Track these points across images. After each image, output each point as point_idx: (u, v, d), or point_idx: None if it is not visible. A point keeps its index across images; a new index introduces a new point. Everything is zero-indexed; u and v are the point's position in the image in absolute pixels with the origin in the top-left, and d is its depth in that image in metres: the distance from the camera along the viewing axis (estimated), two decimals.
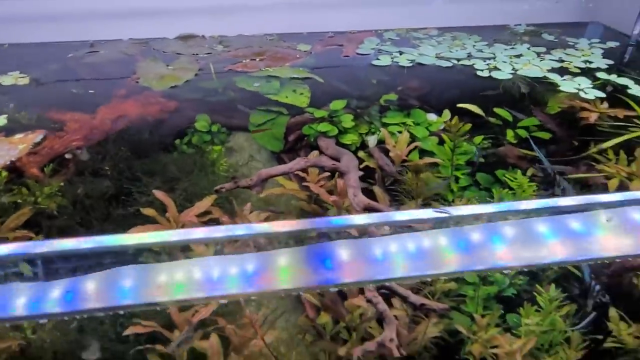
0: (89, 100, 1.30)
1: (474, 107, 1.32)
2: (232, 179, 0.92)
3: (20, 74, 1.38)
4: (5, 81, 1.33)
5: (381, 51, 1.60)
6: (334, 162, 1.02)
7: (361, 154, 1.21)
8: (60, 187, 0.99)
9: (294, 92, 1.34)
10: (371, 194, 1.15)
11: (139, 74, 1.40)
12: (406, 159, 1.17)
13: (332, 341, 1.00)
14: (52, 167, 1.02)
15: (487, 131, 1.29)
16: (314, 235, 0.93)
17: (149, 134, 1.21)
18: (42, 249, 0.56)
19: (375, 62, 1.52)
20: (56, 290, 0.50)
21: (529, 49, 1.65)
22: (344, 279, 0.60)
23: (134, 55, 1.53)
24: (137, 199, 0.98)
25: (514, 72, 1.46)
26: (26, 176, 0.98)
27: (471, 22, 1.86)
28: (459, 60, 1.54)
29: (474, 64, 1.50)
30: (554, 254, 0.63)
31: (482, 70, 1.47)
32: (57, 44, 1.58)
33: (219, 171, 1.14)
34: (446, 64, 1.51)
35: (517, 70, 1.47)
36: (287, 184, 1.07)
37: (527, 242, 0.63)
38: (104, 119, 1.23)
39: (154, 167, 1.10)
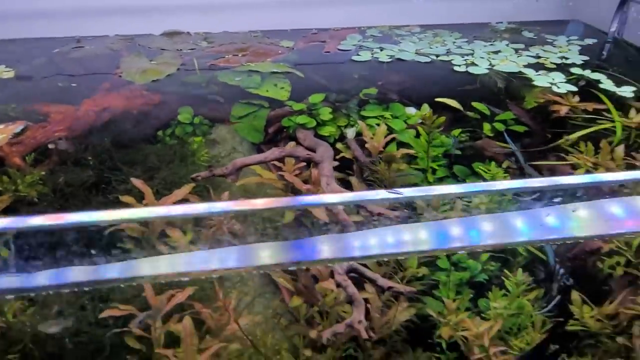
0: (74, 93, 1.33)
1: (452, 102, 1.36)
2: (208, 167, 0.95)
3: (5, 67, 1.41)
4: None
5: (362, 47, 1.63)
6: (309, 152, 1.05)
7: (339, 146, 1.24)
8: (41, 176, 1.02)
9: (274, 86, 1.37)
10: (348, 184, 1.18)
11: (122, 68, 1.43)
12: (382, 150, 1.20)
13: (308, 325, 1.03)
14: (34, 157, 1.05)
15: (465, 124, 1.33)
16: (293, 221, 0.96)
17: (132, 125, 1.24)
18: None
19: (355, 58, 1.55)
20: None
21: (507, 45, 1.69)
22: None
23: (119, 50, 1.56)
24: (116, 188, 1.01)
25: (491, 68, 1.50)
26: (8, 165, 1.01)
27: (453, 20, 1.90)
28: (437, 56, 1.57)
29: (452, 60, 1.54)
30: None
31: (459, 65, 1.50)
32: (44, 40, 1.61)
33: (199, 161, 1.17)
34: (425, 60, 1.55)
35: (493, 65, 1.51)
36: (264, 173, 1.10)
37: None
38: (87, 110, 1.26)
39: (135, 157, 1.12)
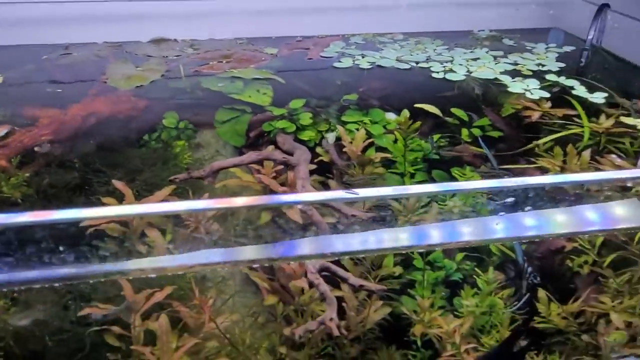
0: (61, 98, 1.36)
1: (431, 107, 1.40)
2: (186, 170, 0.98)
3: None
4: None
5: (344, 54, 1.67)
6: (285, 155, 1.09)
7: (319, 150, 1.28)
8: (26, 177, 1.05)
9: (257, 92, 1.41)
10: (327, 187, 1.22)
11: (107, 74, 1.46)
12: (360, 154, 1.24)
13: (287, 323, 1.06)
14: (19, 159, 1.08)
15: (444, 130, 1.37)
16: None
17: (117, 129, 1.28)
18: None
19: (336, 65, 1.59)
20: None
21: (487, 52, 1.73)
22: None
23: (106, 57, 1.60)
24: (98, 189, 1.04)
25: (468, 74, 1.54)
26: None
27: (436, 28, 1.94)
28: (417, 63, 1.62)
29: (431, 67, 1.58)
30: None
31: (437, 72, 1.55)
32: (33, 46, 1.64)
33: (182, 164, 1.20)
34: (404, 67, 1.59)
35: (471, 72, 1.55)
36: (243, 176, 1.13)
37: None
38: (74, 115, 1.29)
39: (118, 160, 1.16)
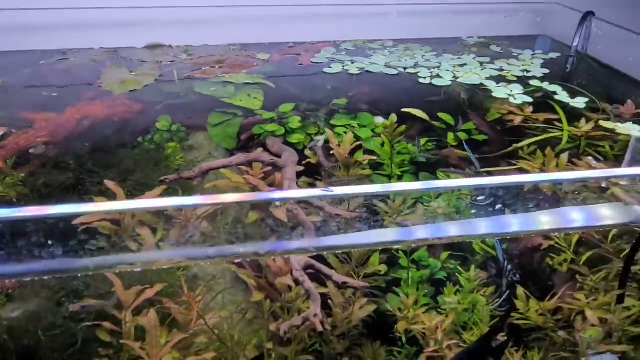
0: (57, 102, 1.40)
1: (419, 112, 1.44)
2: (176, 171, 1.02)
3: None
4: None
5: (334, 60, 1.71)
6: (273, 157, 1.12)
7: (307, 152, 1.31)
8: (21, 177, 1.08)
9: (248, 96, 1.45)
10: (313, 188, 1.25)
11: (103, 79, 1.50)
12: (347, 157, 1.27)
13: (275, 319, 1.09)
14: (15, 160, 1.11)
15: (431, 134, 1.41)
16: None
17: (111, 132, 1.31)
18: None
19: (326, 70, 1.63)
20: None
21: (474, 59, 1.78)
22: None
23: (102, 62, 1.64)
24: (91, 189, 1.07)
25: (454, 80, 1.58)
26: None
27: (426, 35, 1.99)
28: (405, 68, 1.66)
29: (419, 72, 1.62)
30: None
31: (424, 77, 1.59)
32: (32, 52, 1.68)
33: (174, 166, 1.24)
34: (392, 72, 1.63)
35: (457, 78, 1.60)
36: (232, 176, 1.17)
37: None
38: (70, 118, 1.33)
39: (111, 161, 1.19)
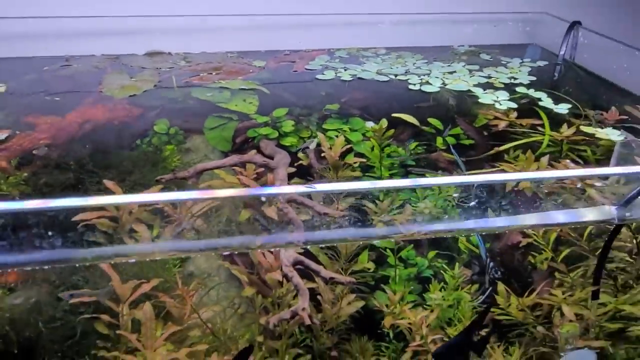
0: (59, 106, 1.46)
1: (409, 117, 1.49)
2: (172, 171, 1.07)
3: None
4: None
5: (328, 67, 1.77)
6: (265, 159, 1.18)
7: (300, 155, 1.36)
8: (24, 177, 1.13)
9: (244, 101, 1.51)
10: None
11: (103, 84, 1.56)
12: (338, 159, 1.33)
13: (266, 314, 1.13)
14: (18, 161, 1.17)
15: (421, 138, 1.46)
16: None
17: (111, 135, 1.37)
18: None
19: (319, 77, 1.69)
20: None
21: (463, 66, 1.83)
22: None
23: (104, 68, 1.70)
24: (90, 188, 1.12)
25: (443, 86, 1.64)
26: None
27: (418, 43, 2.05)
28: (396, 75, 1.72)
29: (409, 79, 1.68)
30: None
31: (414, 84, 1.65)
32: (36, 59, 1.74)
33: (170, 167, 1.29)
34: (384, 79, 1.69)
35: (446, 84, 1.65)
36: (226, 177, 1.22)
37: None
38: (71, 121, 1.38)
39: (111, 163, 1.25)
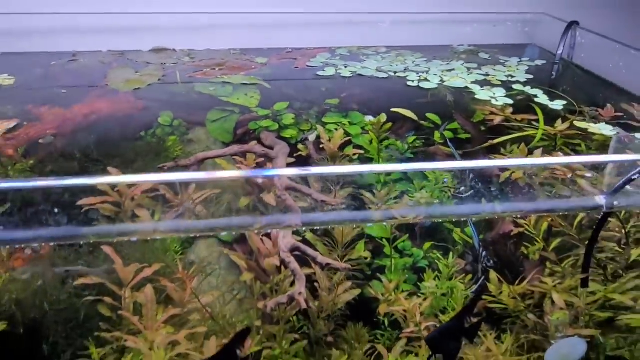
0: (65, 99, 1.50)
1: (408, 112, 1.53)
2: (173, 160, 1.10)
3: (8, 76, 1.58)
4: None
5: (329, 64, 1.81)
6: (265, 149, 1.21)
7: (299, 146, 1.40)
8: (31, 165, 1.17)
9: (245, 95, 1.54)
10: (305, 178, 1.33)
11: (109, 78, 1.60)
12: (336, 151, 1.36)
13: (263, 299, 1.16)
14: (25, 149, 1.20)
15: (420, 133, 1.49)
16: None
17: (115, 126, 1.41)
18: None
19: (320, 73, 1.73)
20: None
21: (462, 64, 1.86)
22: None
23: (109, 63, 1.74)
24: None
25: (441, 83, 1.67)
26: (1, 156, 1.17)
27: (418, 42, 2.09)
28: (395, 72, 1.75)
29: (407, 76, 1.71)
30: None
31: (412, 81, 1.68)
32: (44, 54, 1.79)
33: (173, 156, 1.32)
34: (383, 76, 1.72)
35: (444, 81, 1.68)
36: (227, 166, 1.25)
37: None
38: (77, 113, 1.42)
39: (115, 152, 1.28)
